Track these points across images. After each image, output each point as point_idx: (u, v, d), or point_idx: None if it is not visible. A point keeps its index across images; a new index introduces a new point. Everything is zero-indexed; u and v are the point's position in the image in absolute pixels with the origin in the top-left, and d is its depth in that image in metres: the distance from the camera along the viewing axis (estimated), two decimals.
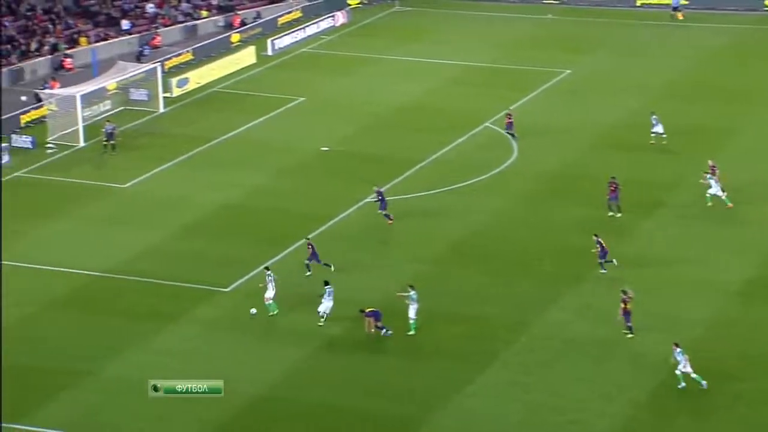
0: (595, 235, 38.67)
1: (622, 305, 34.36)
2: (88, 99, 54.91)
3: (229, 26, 71.76)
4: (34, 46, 63.07)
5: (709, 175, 42.96)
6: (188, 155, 50.84)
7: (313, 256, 38.36)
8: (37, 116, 55.01)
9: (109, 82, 56.97)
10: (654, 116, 50.44)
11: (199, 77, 61.11)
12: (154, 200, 45.88)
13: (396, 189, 46.39)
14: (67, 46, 64.49)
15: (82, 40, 65.28)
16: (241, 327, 35.73)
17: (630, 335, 34.33)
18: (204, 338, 35.17)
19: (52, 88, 57.16)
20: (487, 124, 53.78)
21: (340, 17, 73.38)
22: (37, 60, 62.61)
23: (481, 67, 64.05)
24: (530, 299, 37.11)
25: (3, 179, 47.84)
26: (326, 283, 35.83)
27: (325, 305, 35.53)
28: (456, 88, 60.37)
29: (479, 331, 35.28)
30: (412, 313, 34.34)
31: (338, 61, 66.07)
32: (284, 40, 68.26)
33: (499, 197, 45.55)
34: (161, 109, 57.12)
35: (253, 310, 36.14)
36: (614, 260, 38.44)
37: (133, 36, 67.72)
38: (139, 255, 40.64)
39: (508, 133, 50.95)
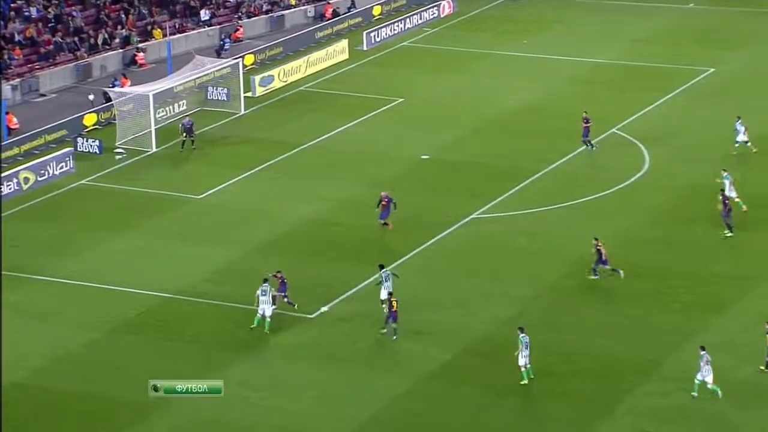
0: (595, 239, 39.06)
1: None
2: (162, 98, 56.24)
3: (320, 17, 72.66)
4: (103, 38, 64.87)
5: (725, 174, 43.64)
6: (271, 163, 51.64)
7: (282, 287, 38.16)
8: (106, 117, 56.61)
9: (186, 79, 58.23)
10: (739, 121, 49.74)
11: (285, 75, 61.94)
12: (231, 213, 46.63)
13: (507, 203, 46.29)
14: (139, 38, 66.16)
15: (157, 32, 66.90)
16: (328, 358, 36.07)
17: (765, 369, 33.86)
18: (286, 370, 35.59)
19: (122, 86, 58.71)
20: (614, 130, 53.28)
21: (446, 7, 73.64)
22: (106, 54, 64.38)
23: (610, 64, 63.46)
24: (663, 333, 36.61)
25: (67, 187, 49.38)
26: (381, 267, 37.69)
27: (386, 292, 37.11)
28: (579, 88, 59.91)
29: (603, 370, 34.90)
30: (521, 360, 34.05)
31: (443, 56, 66.23)
32: (381, 33, 68.75)
33: (628, 214, 45.08)
34: (242, 111, 58.02)
35: (324, 308, 37.63)
36: (621, 272, 38.85)
37: (212, 28, 69.11)
38: (215, 275, 41.35)
39: (584, 141, 49.99)
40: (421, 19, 71.45)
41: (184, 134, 52.74)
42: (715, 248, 41.85)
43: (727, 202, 42.29)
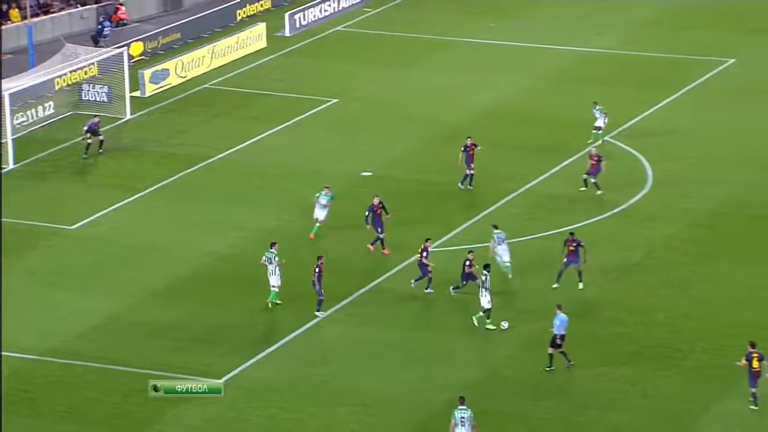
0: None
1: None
2: (22, 99, 56.04)
3: None
4: None
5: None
6: (166, 182, 51.75)
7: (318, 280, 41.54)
8: None
9: (53, 75, 58.11)
10: (597, 107, 52.63)
11: (183, 68, 62.21)
12: (115, 249, 46.56)
13: (472, 233, 46.62)
14: None
15: (14, 12, 66.69)
16: None
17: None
18: None
19: None
20: (607, 138, 54.08)
21: None
22: None
23: (601, 54, 64.45)
24: (673, 402, 37.15)
25: None
26: (486, 267, 40.67)
27: (487, 298, 40.27)
28: (562, 85, 60.77)
29: None
30: None
31: (389, 45, 66.82)
32: (309, 15, 69.24)
33: (625, 248, 45.63)
34: (128, 115, 58.15)
35: (505, 324, 39.88)
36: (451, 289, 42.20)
37: (87, 8, 69.09)
38: (94, 330, 41.19)
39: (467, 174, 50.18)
40: None
41: (89, 136, 53.02)
42: (738, 293, 42.48)
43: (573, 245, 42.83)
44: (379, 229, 45.27)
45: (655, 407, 36.76)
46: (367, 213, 45.31)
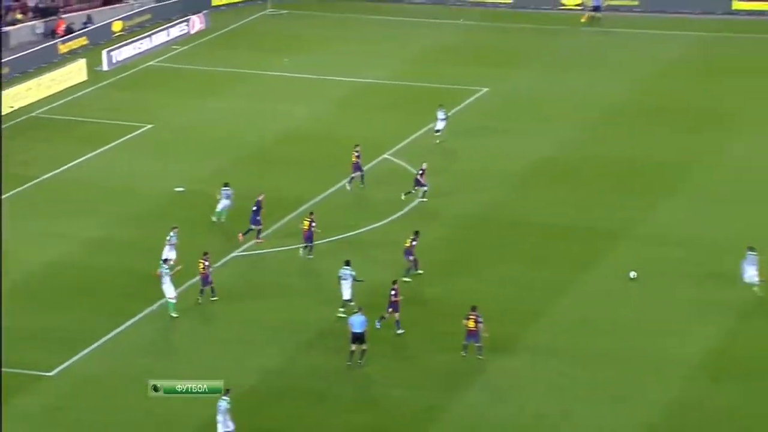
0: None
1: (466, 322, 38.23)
2: None
3: (51, 34, 72.18)
4: None
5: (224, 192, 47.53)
6: None
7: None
8: None
9: None
10: (441, 110, 55.69)
11: (11, 99, 61.25)
12: None
13: (273, 238, 47.09)
14: None
15: None
16: (71, 425, 35.85)
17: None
18: None
19: None
20: (386, 155, 55.05)
21: (197, 22, 74.53)
22: None
23: (379, 84, 65.54)
24: (443, 375, 37.99)
25: None
26: (347, 264, 40.81)
27: (348, 291, 40.68)
28: (347, 111, 61.69)
29: (384, 421, 36.07)
30: None
31: (196, 78, 66.90)
32: (124, 52, 69.00)
33: (401, 247, 46.62)
34: None
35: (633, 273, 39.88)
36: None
37: None
38: None
39: (355, 176, 51.16)
40: (168, 36, 72.14)
41: None
42: (498, 287, 43.55)
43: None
44: (257, 223, 46.09)
45: (430, 380, 37.62)
46: (254, 207, 46.01)
